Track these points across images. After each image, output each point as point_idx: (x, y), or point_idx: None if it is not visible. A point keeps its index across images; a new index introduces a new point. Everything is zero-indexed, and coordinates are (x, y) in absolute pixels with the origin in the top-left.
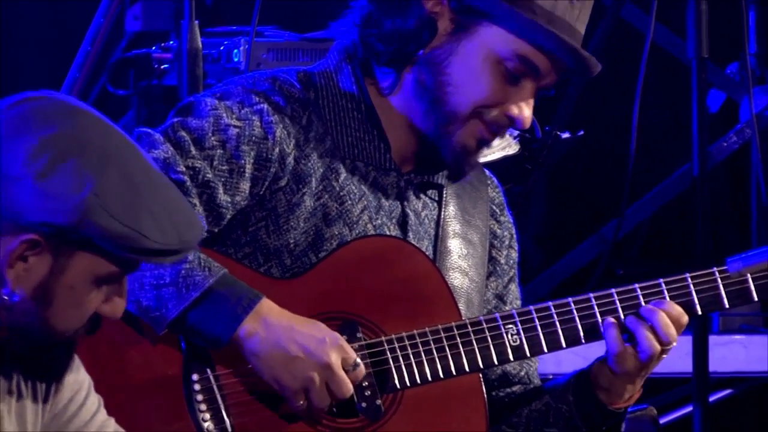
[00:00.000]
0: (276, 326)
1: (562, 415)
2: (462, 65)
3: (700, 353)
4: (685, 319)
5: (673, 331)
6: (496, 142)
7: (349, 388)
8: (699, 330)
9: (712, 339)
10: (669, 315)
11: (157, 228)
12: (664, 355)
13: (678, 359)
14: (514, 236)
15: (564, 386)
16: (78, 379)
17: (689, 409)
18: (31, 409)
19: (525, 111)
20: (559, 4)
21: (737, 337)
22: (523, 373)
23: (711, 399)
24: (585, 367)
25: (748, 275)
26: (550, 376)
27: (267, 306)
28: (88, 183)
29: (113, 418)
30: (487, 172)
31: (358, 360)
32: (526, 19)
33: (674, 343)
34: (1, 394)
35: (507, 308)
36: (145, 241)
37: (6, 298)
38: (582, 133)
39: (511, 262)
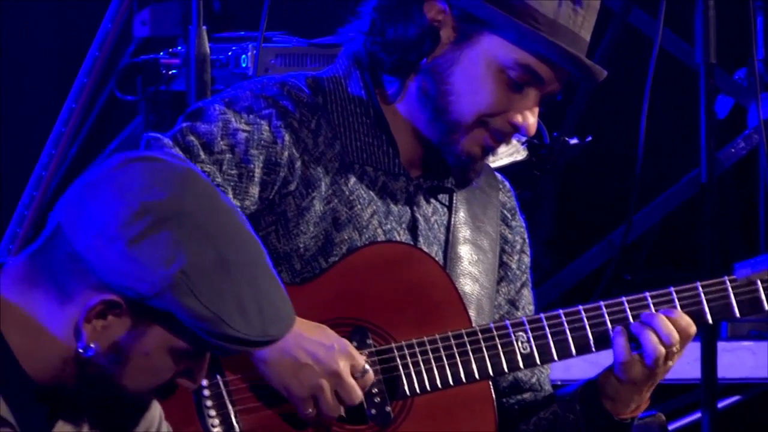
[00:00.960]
0: None
1: (570, 424)
2: (464, 74)
3: (709, 359)
4: (693, 329)
5: (674, 332)
6: (504, 148)
7: (359, 394)
8: (707, 336)
9: (721, 345)
10: (674, 322)
11: (241, 317)
12: (671, 363)
13: (686, 365)
14: (527, 241)
15: (572, 395)
16: (149, 416)
17: (698, 415)
18: None
19: (529, 118)
20: (561, 12)
21: (746, 343)
22: (534, 380)
23: (719, 405)
24: (593, 377)
25: (759, 285)
26: (559, 383)
27: None
28: (179, 259)
29: None
30: (499, 176)
31: (367, 366)
32: (527, 29)
33: (676, 347)
34: None
35: (519, 313)
36: (226, 328)
37: (81, 351)
38: (590, 138)
39: (524, 267)
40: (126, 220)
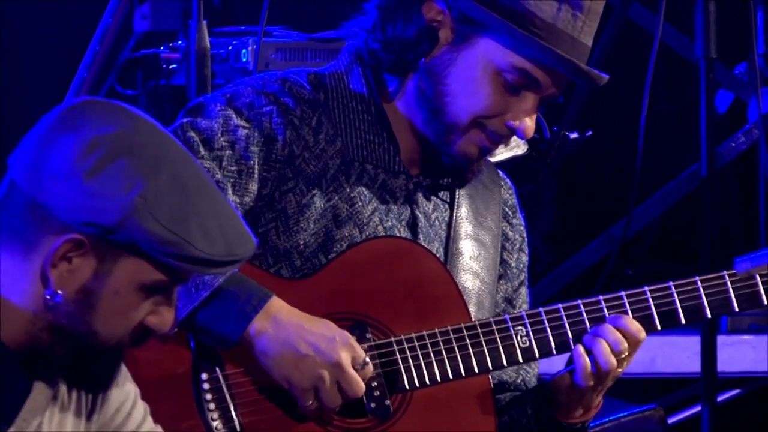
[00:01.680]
0: (286, 325)
1: (522, 427)
2: (461, 75)
3: (709, 353)
4: (643, 335)
5: (622, 340)
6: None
7: (361, 386)
8: (707, 330)
9: (720, 339)
10: (622, 330)
11: (204, 237)
12: (620, 369)
13: (686, 359)
14: (525, 239)
15: (524, 399)
16: (124, 390)
17: (697, 409)
18: (72, 422)
19: (526, 122)
20: (560, 17)
21: (745, 337)
22: (519, 381)
23: (719, 399)
24: (546, 380)
25: (758, 279)
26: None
27: (277, 304)
28: (137, 185)
29: None
30: (500, 173)
31: (367, 359)
32: (523, 34)
33: (625, 354)
34: (45, 401)
35: (515, 312)
36: (191, 249)
37: (48, 297)
38: (590, 133)
39: (521, 266)
40: (80, 155)
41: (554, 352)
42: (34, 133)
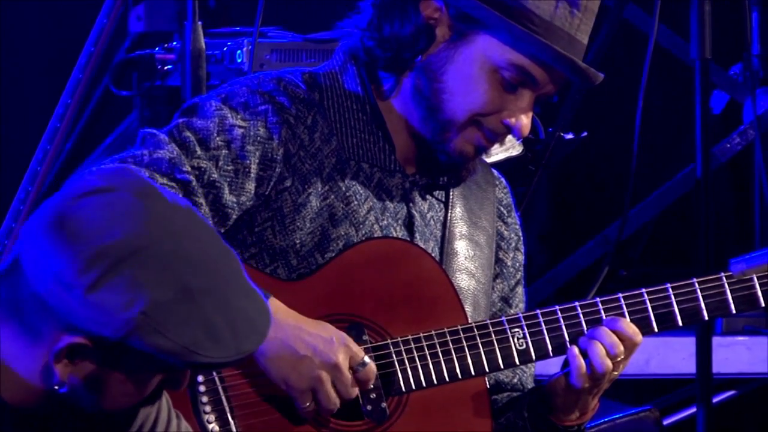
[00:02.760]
0: (284, 326)
1: (518, 429)
2: (458, 73)
3: (704, 354)
4: (639, 338)
5: (618, 344)
6: (498, 144)
7: (356, 388)
8: (702, 331)
9: (716, 340)
10: (618, 334)
11: (212, 342)
12: (616, 372)
13: (681, 360)
14: (521, 238)
15: (521, 402)
16: (142, 412)
17: (693, 410)
18: None
19: (523, 119)
20: (558, 14)
21: (741, 338)
22: (516, 381)
23: (714, 400)
24: (542, 383)
25: (756, 281)
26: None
27: (274, 305)
28: (140, 300)
29: None
30: (495, 172)
31: (367, 359)
32: (521, 31)
33: (621, 357)
34: None
35: (512, 311)
36: (197, 357)
37: (56, 388)
38: (585, 134)
39: (518, 264)
40: (82, 267)
41: (551, 354)
42: (42, 213)
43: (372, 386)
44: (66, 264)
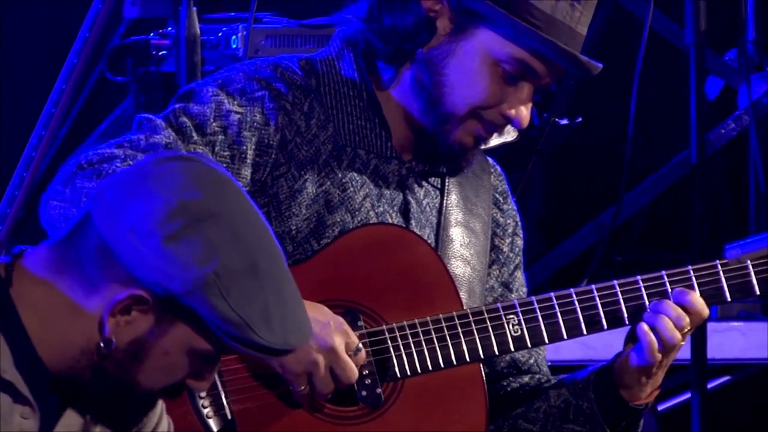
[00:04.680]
0: None
1: (583, 412)
2: (459, 66)
3: (699, 340)
4: (706, 311)
5: (684, 315)
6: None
7: (354, 372)
8: None
9: (711, 326)
10: (684, 308)
11: (266, 323)
12: (682, 342)
13: None
14: (519, 224)
15: (584, 383)
16: (150, 415)
17: (687, 396)
18: None
19: (522, 111)
20: (559, 7)
21: (735, 324)
22: (532, 361)
23: (709, 386)
24: (606, 363)
25: (750, 267)
26: (549, 364)
27: None
28: (214, 260)
29: None
30: (490, 160)
31: (360, 345)
32: (522, 26)
33: (687, 327)
34: (76, 429)
35: (513, 296)
36: (251, 333)
37: (102, 345)
38: (580, 119)
39: (516, 249)
40: (164, 217)
41: (546, 341)
42: (124, 175)
43: (366, 372)
44: (147, 213)
